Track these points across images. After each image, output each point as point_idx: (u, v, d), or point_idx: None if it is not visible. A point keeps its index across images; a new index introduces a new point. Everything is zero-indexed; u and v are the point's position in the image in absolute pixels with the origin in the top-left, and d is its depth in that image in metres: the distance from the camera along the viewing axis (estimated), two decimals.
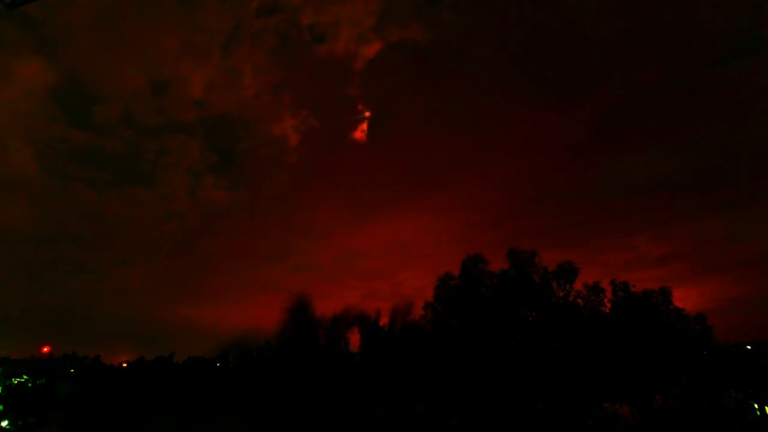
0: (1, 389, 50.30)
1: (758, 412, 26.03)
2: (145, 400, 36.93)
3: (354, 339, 29.43)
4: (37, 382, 53.07)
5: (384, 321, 29.72)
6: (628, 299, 26.44)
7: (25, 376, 55.78)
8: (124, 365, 62.92)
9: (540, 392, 25.06)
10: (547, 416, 24.94)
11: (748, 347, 31.72)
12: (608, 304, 27.03)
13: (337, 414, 24.66)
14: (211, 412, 31.12)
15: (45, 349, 74.39)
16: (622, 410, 25.06)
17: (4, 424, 43.54)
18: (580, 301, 27.17)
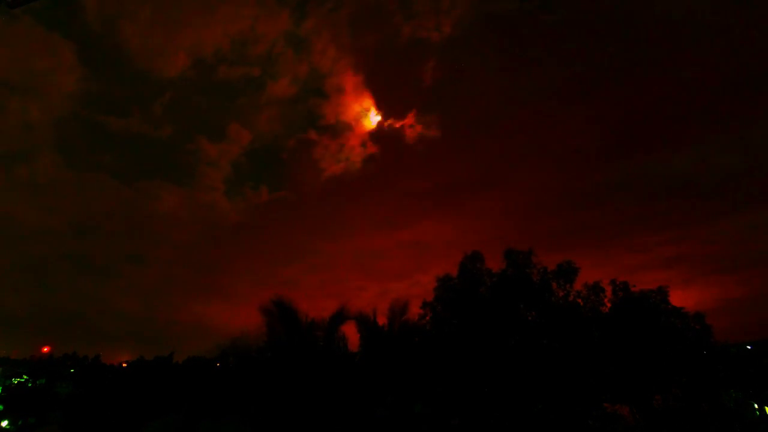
0: (1, 389, 50.35)
1: (758, 412, 26.01)
2: (145, 401, 36.95)
3: (353, 339, 29.39)
4: (37, 382, 53.16)
5: (383, 321, 29.65)
6: (628, 299, 26.42)
7: (25, 376, 55.89)
8: (124, 365, 62.99)
9: (540, 392, 25.03)
10: (547, 416, 24.91)
11: (748, 347, 31.70)
12: (608, 304, 27.01)
13: (337, 414, 24.64)
14: (212, 413, 31.13)
15: (45, 349, 74.65)
16: (622, 410, 25.04)
17: (4, 424, 43.60)
18: (580, 301, 27.16)
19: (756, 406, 26.16)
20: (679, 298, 26.55)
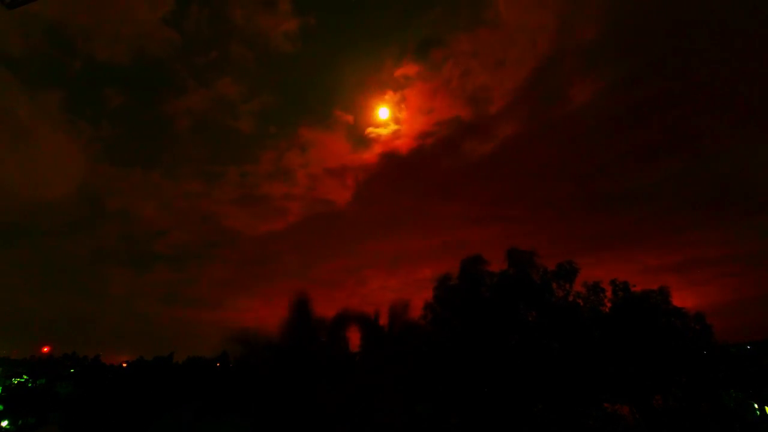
0: (1, 389, 50.34)
1: (758, 412, 26.05)
2: (146, 401, 36.95)
3: (354, 339, 29.38)
4: (37, 382, 53.16)
5: (384, 321, 29.64)
6: (628, 299, 26.45)
7: (25, 376, 55.90)
8: (124, 365, 62.97)
9: (540, 392, 25.04)
10: (547, 416, 24.93)
11: (748, 347, 31.78)
12: (608, 304, 27.05)
13: (337, 414, 24.65)
14: (212, 412, 31.11)
15: (45, 349, 74.69)
16: (622, 410, 25.05)
17: (4, 424, 43.60)
18: (580, 301, 27.18)
19: (756, 406, 26.20)
20: (688, 299, 26.64)
